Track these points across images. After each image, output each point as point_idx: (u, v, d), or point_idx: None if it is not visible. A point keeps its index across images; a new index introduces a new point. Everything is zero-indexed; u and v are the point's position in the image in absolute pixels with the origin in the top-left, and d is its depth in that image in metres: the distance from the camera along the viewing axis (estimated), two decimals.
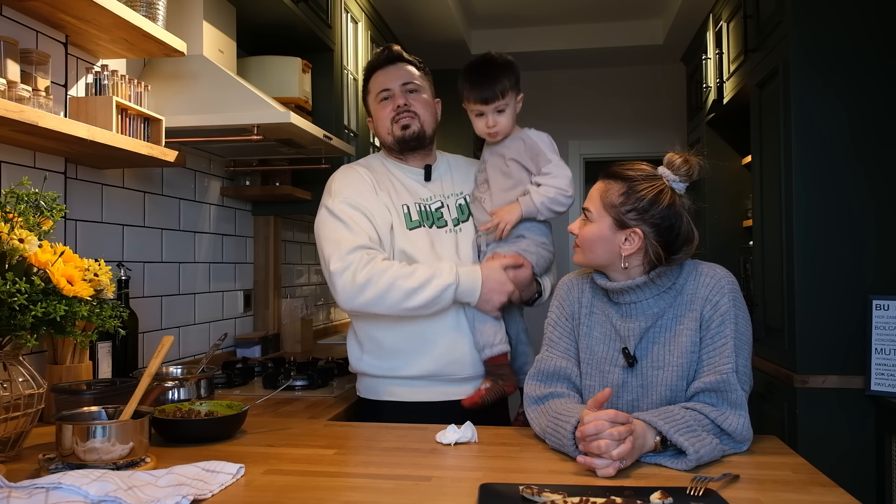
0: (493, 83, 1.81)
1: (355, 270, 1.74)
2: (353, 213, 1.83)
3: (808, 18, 2.50)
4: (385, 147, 2.01)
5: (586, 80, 5.34)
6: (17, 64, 1.56)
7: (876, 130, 2.47)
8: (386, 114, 1.94)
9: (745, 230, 3.66)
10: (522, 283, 1.82)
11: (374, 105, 1.97)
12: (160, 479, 1.17)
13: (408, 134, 1.93)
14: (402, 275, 1.74)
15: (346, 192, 1.86)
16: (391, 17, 3.99)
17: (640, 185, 1.46)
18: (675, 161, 1.48)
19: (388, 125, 1.94)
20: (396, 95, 1.93)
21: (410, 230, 1.87)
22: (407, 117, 1.93)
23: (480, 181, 1.94)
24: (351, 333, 1.96)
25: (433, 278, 1.74)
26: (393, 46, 2.01)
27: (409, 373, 1.85)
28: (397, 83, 1.94)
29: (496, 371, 1.81)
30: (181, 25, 2.17)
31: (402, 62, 1.97)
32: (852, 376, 2.43)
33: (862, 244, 2.46)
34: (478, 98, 1.82)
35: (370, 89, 1.99)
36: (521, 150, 1.86)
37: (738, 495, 1.16)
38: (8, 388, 1.34)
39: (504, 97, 1.82)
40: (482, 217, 1.89)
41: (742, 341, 1.44)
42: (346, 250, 1.77)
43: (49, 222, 1.44)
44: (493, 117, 1.83)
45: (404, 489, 1.20)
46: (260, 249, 3.04)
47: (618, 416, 1.29)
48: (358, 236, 1.79)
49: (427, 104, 1.97)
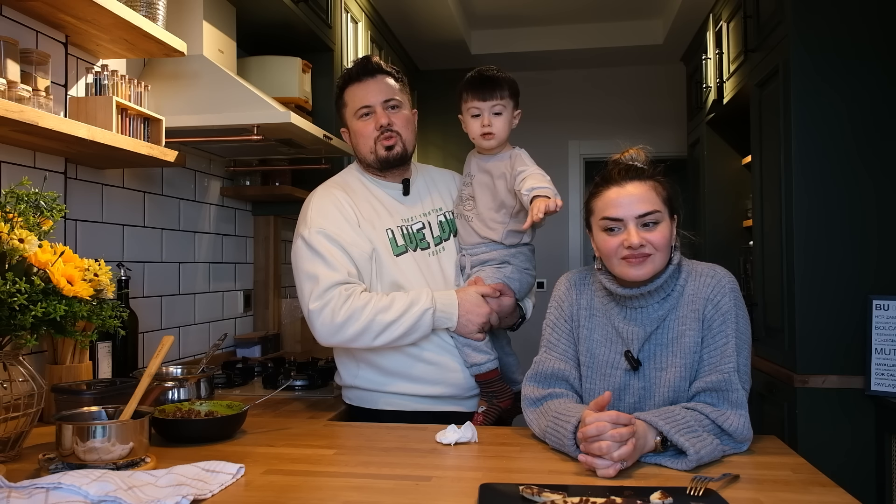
0: (494, 85, 1.81)
1: (334, 308, 1.71)
2: (330, 246, 1.77)
3: (809, 18, 2.49)
4: (363, 163, 1.94)
5: (586, 80, 5.34)
6: (17, 64, 1.56)
7: (876, 130, 2.46)
8: (368, 132, 1.87)
9: (745, 230, 3.66)
10: (506, 310, 1.82)
11: (353, 120, 1.89)
12: (160, 479, 1.17)
13: (392, 155, 1.88)
14: (381, 308, 1.72)
15: (322, 223, 1.80)
16: (391, 17, 4.00)
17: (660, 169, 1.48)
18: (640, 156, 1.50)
19: (371, 144, 1.87)
20: (378, 114, 1.86)
21: (398, 256, 1.84)
22: (391, 138, 1.87)
23: (465, 196, 1.90)
24: (341, 349, 1.89)
25: (411, 306, 1.73)
26: (372, 57, 1.94)
27: (410, 391, 1.82)
28: (378, 99, 1.86)
29: (489, 388, 1.81)
30: (181, 25, 2.17)
31: (382, 74, 1.89)
32: (852, 376, 2.42)
33: (862, 244, 2.45)
34: (476, 95, 1.81)
35: (346, 102, 1.90)
36: (507, 166, 1.82)
37: (738, 495, 1.16)
38: (8, 388, 1.34)
39: (502, 99, 1.81)
40: (469, 236, 1.87)
41: (743, 341, 1.44)
42: (324, 287, 1.72)
43: (49, 222, 1.44)
44: (488, 117, 1.81)
45: (404, 489, 1.20)
46: (260, 249, 3.04)
47: (620, 417, 1.29)
48: (336, 272, 1.74)
49: (408, 121, 1.91)
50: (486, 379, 1.81)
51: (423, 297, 1.75)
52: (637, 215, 1.42)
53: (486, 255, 1.85)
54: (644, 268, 1.42)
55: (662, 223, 1.43)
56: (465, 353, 1.80)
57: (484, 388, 1.82)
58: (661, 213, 1.43)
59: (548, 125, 5.21)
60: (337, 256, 1.76)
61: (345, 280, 1.74)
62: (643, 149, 1.51)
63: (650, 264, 1.42)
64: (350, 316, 1.71)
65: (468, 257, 1.88)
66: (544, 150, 4.37)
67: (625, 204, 1.42)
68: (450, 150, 4.64)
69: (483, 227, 1.84)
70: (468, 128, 1.86)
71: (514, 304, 1.85)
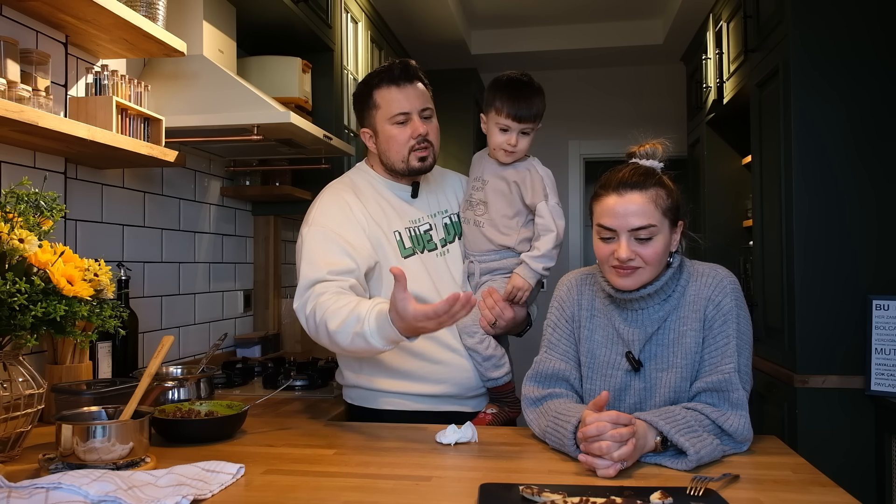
0: (531, 104, 1.78)
1: (306, 307, 1.64)
2: (321, 244, 1.72)
3: (808, 18, 2.49)
4: (388, 167, 1.87)
5: (586, 80, 5.34)
6: (17, 64, 1.56)
7: (876, 130, 2.46)
8: (403, 140, 1.81)
9: (745, 230, 3.66)
10: (519, 319, 1.82)
11: (386, 125, 1.82)
12: (160, 479, 1.17)
13: (424, 167, 1.84)
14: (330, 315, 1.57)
15: (322, 222, 1.77)
16: (391, 17, 3.99)
17: (667, 181, 1.46)
18: (658, 150, 1.48)
19: (405, 153, 1.82)
20: (416, 122, 1.81)
21: (406, 258, 1.81)
22: (426, 149, 1.83)
23: (476, 201, 1.87)
24: None
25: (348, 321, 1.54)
26: (410, 62, 1.87)
27: (413, 391, 1.80)
28: (416, 107, 1.81)
29: (501, 398, 1.81)
30: (181, 25, 2.17)
31: (419, 81, 1.85)
32: (852, 376, 2.42)
33: (862, 244, 2.45)
34: (511, 114, 1.77)
35: (379, 104, 1.82)
36: (527, 180, 1.81)
37: (738, 495, 1.16)
38: (8, 388, 1.34)
39: (535, 121, 1.79)
40: (480, 242, 1.84)
41: (744, 341, 1.44)
42: (304, 286, 1.68)
43: (49, 222, 1.44)
44: (516, 137, 1.79)
45: (404, 489, 1.20)
46: (260, 249, 3.04)
47: (620, 417, 1.28)
48: (316, 270, 1.68)
49: (438, 133, 1.88)
50: (500, 391, 1.81)
51: (363, 310, 1.53)
52: (631, 228, 1.40)
53: (496, 263, 1.84)
54: (630, 279, 1.42)
55: (658, 237, 1.41)
56: (485, 368, 1.79)
57: (497, 397, 1.82)
58: (657, 227, 1.41)
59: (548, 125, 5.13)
60: (322, 254, 1.71)
61: (323, 278, 1.67)
62: (661, 143, 1.49)
63: (638, 277, 1.42)
64: (312, 316, 1.63)
65: (477, 264, 1.86)
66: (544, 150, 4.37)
67: (620, 215, 1.41)
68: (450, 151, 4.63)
69: (496, 234, 1.82)
70: (491, 137, 1.82)
71: (525, 312, 1.84)
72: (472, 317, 1.78)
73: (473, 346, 1.78)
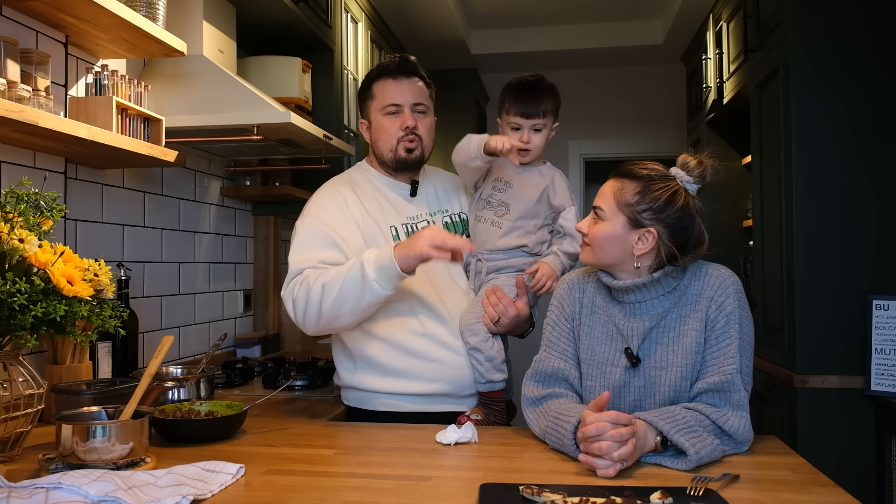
0: (538, 101, 1.82)
1: (293, 293, 1.70)
2: (311, 235, 1.77)
3: (809, 18, 2.49)
4: (378, 159, 1.94)
5: (586, 80, 5.34)
6: (17, 64, 1.56)
7: (876, 130, 2.46)
8: (393, 131, 1.87)
9: (745, 230, 3.66)
10: (523, 318, 1.82)
11: (379, 115, 1.89)
12: (160, 479, 1.17)
13: (411, 158, 1.89)
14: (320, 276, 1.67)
15: (316, 214, 1.81)
16: (391, 17, 3.99)
17: (656, 185, 1.45)
18: (690, 162, 1.47)
19: (393, 143, 1.88)
20: (406, 115, 1.87)
21: None
22: (413, 141, 1.88)
23: (497, 202, 1.88)
24: (338, 347, 1.88)
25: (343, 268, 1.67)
26: (410, 57, 1.93)
27: (407, 390, 1.80)
28: (409, 100, 1.87)
29: (490, 404, 1.80)
30: (181, 25, 2.17)
31: (416, 77, 1.91)
32: (852, 376, 2.42)
33: (862, 244, 2.45)
34: (519, 111, 1.82)
35: (375, 95, 1.90)
36: (555, 183, 1.87)
37: (738, 495, 1.16)
38: (8, 388, 1.34)
39: (544, 117, 1.83)
40: (493, 241, 1.86)
41: (746, 342, 1.44)
42: (292, 274, 1.73)
43: (49, 222, 1.44)
44: (528, 134, 1.83)
45: (404, 489, 1.20)
46: (260, 249, 3.04)
47: (620, 417, 1.29)
48: (304, 259, 1.74)
49: (431, 129, 1.93)
50: (490, 397, 1.80)
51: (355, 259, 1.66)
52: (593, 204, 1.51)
53: (505, 262, 1.85)
54: (585, 253, 1.52)
55: (606, 221, 1.47)
56: (486, 369, 1.78)
57: (487, 401, 1.81)
58: (606, 212, 1.47)
59: None
60: (313, 245, 1.75)
61: (311, 266, 1.72)
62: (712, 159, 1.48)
63: (588, 253, 1.51)
64: (297, 296, 1.69)
65: (485, 262, 1.87)
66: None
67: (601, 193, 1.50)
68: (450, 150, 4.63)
69: (516, 235, 1.85)
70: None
71: (528, 312, 1.84)
72: (476, 314, 1.79)
73: (477, 344, 1.78)
